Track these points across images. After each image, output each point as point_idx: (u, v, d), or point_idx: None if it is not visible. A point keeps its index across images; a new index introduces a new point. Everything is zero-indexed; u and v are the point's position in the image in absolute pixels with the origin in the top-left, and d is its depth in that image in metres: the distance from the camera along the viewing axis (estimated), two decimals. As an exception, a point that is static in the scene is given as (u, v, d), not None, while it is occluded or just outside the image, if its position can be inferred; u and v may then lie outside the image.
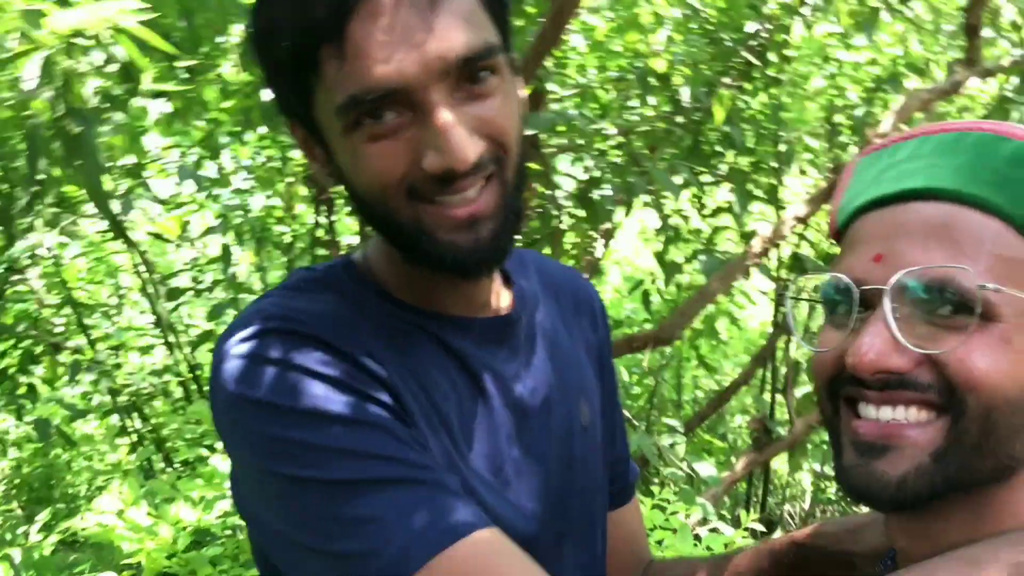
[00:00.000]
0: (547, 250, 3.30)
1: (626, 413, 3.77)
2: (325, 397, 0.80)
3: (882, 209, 0.77)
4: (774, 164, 3.74)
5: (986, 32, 3.32)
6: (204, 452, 2.77)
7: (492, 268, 0.87)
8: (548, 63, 2.89)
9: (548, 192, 3.12)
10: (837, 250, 0.82)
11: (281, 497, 0.81)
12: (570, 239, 3.54)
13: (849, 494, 0.76)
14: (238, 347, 0.83)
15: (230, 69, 3.60)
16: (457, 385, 0.91)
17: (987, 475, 0.73)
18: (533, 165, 3.13)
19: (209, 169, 3.96)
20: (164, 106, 3.56)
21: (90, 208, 3.70)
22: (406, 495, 0.77)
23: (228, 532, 2.31)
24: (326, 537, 0.77)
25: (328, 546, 0.77)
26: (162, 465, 4.15)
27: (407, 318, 0.91)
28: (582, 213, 3.38)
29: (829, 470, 5.18)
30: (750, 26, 3.64)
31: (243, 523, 2.36)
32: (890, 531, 0.83)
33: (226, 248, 3.51)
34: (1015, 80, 3.21)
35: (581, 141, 3.41)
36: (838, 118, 4.01)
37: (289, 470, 0.79)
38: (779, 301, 4.33)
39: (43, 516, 2.52)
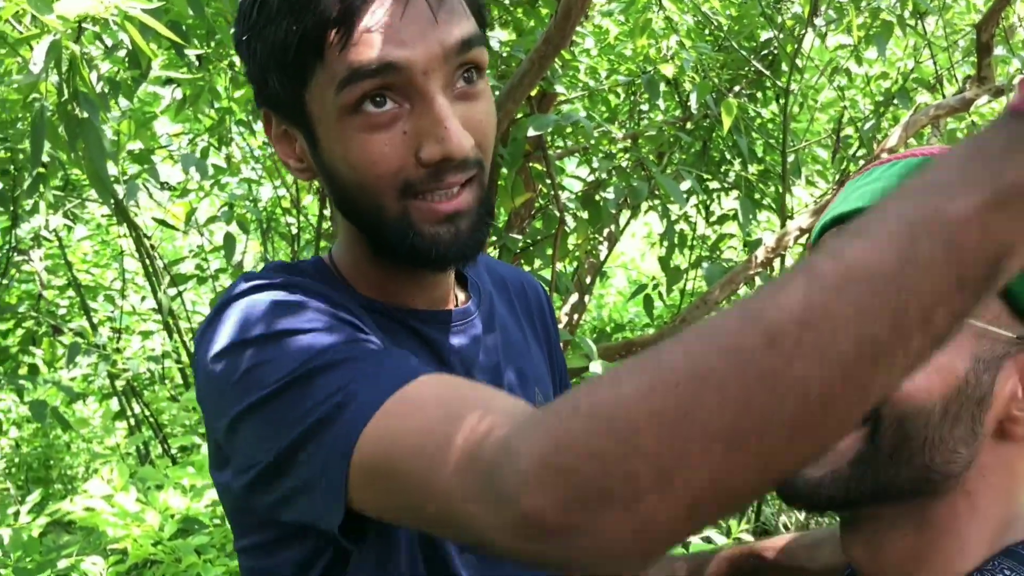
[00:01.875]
0: (548, 251, 3.29)
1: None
2: (301, 319, 0.80)
3: (836, 228, 0.82)
4: (781, 174, 3.73)
5: (998, 50, 3.30)
6: (198, 440, 2.78)
7: (468, 260, 0.91)
8: (556, 64, 2.88)
9: (552, 193, 3.12)
10: None
11: (252, 431, 0.79)
12: (572, 241, 3.53)
13: (776, 492, 0.79)
14: (215, 316, 0.85)
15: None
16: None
17: (906, 485, 0.75)
18: (536, 166, 3.13)
19: (219, 157, 3.98)
20: (175, 93, 3.58)
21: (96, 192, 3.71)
22: (369, 363, 0.76)
23: (216, 521, 2.32)
24: (297, 429, 0.75)
25: (298, 430, 0.74)
26: (159, 451, 4.18)
27: (381, 310, 0.94)
28: (586, 215, 3.38)
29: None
30: (763, 36, 3.63)
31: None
32: (843, 544, 0.85)
33: (229, 236, 3.52)
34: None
35: (587, 144, 3.41)
36: (847, 130, 4.00)
37: (255, 396, 0.77)
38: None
39: (34, 497, 2.53)
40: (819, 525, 5.36)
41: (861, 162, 3.83)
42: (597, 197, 3.35)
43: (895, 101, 3.64)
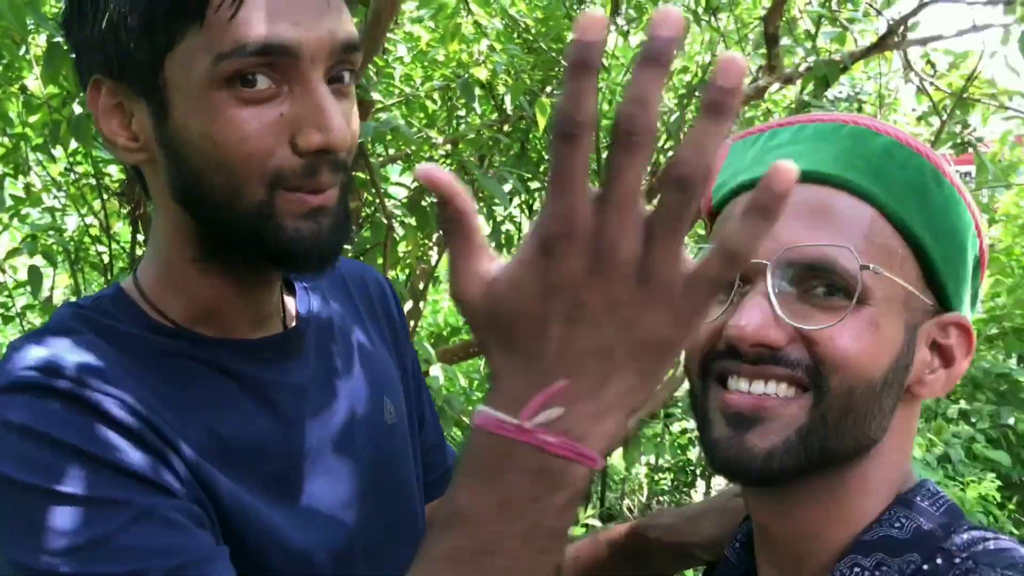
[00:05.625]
0: (379, 259, 3.28)
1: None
2: (64, 473, 0.74)
3: (746, 193, 0.80)
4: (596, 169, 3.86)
5: (785, 41, 3.54)
6: None
7: (327, 264, 0.84)
8: (371, 71, 2.88)
9: (377, 201, 3.11)
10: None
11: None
12: (403, 248, 3.53)
13: (717, 469, 0.77)
14: None
15: (34, 82, 3.41)
16: (248, 414, 0.88)
17: (846, 454, 0.76)
18: (360, 174, 3.12)
19: (16, 188, 3.73)
20: (-40, 121, 3.33)
21: None
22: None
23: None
24: None
25: None
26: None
27: (186, 351, 0.86)
28: (413, 222, 3.38)
29: (663, 462, 5.38)
30: (569, 36, 3.75)
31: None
32: (750, 507, 0.85)
33: (34, 269, 3.31)
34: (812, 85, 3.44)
35: (409, 150, 3.42)
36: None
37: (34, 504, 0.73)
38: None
39: None
40: (660, 507, 5.57)
41: (671, 153, 4.02)
42: (424, 203, 3.36)
43: (696, 93, 3.84)
